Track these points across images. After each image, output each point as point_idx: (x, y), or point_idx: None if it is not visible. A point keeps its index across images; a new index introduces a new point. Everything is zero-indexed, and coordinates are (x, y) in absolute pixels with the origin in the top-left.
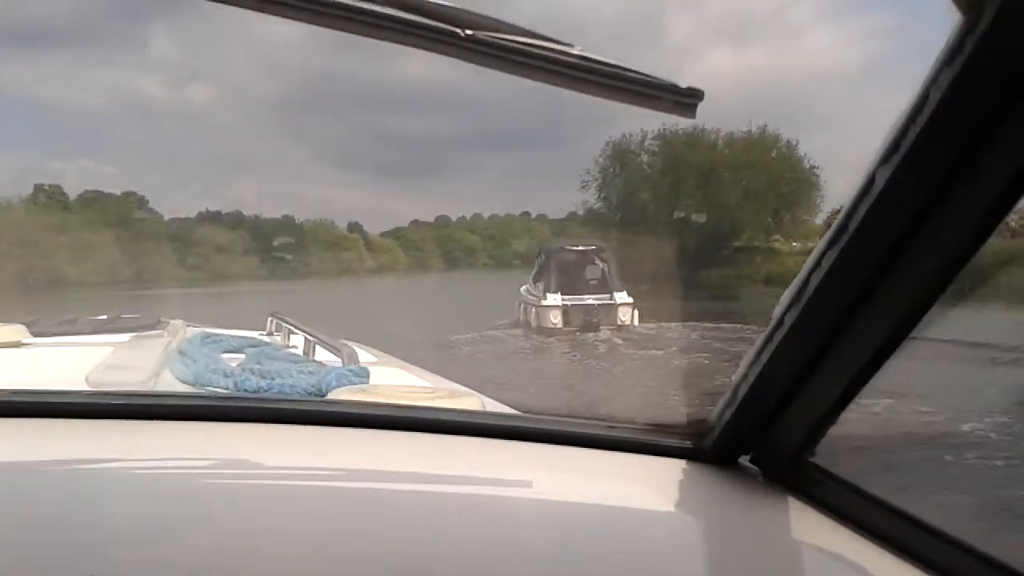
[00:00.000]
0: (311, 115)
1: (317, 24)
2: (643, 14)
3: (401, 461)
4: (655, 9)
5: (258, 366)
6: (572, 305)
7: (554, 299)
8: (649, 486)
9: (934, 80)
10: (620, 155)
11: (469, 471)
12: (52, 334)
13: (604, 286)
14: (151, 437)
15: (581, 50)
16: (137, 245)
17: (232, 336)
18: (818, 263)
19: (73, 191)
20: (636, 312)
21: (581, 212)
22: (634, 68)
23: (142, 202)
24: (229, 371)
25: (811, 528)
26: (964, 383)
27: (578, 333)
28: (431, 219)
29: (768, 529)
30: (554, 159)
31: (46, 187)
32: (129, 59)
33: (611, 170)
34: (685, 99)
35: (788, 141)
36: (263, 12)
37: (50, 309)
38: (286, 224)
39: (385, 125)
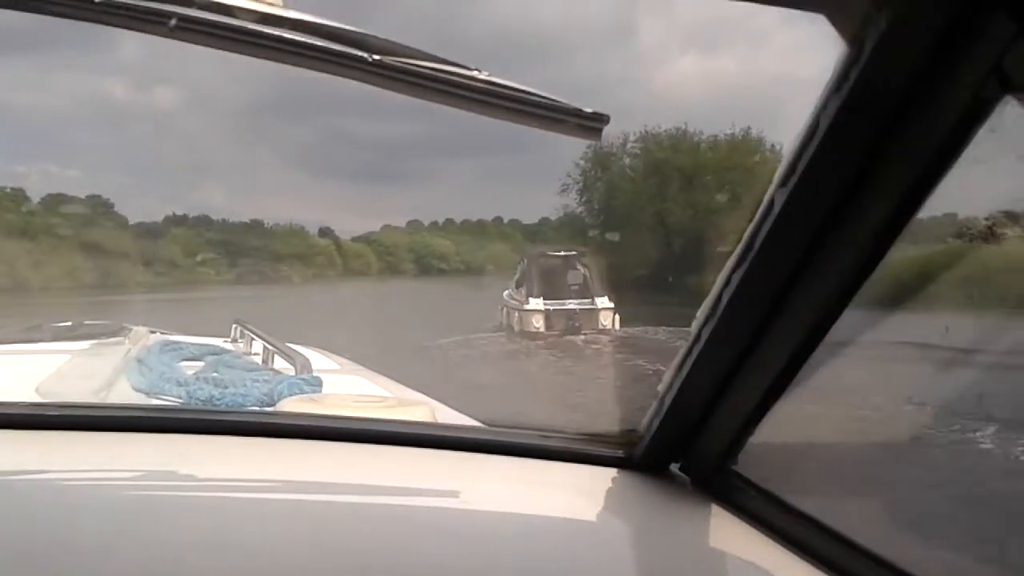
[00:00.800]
0: (279, 119)
1: (226, 50)
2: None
3: (340, 472)
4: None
5: (214, 375)
6: (554, 309)
7: (536, 303)
8: (580, 494)
9: (823, 108)
10: (602, 158)
11: (402, 482)
12: (12, 341)
13: (585, 291)
14: (93, 448)
15: (488, 75)
16: (101, 249)
17: (193, 344)
18: (727, 281)
19: (36, 195)
20: (617, 316)
21: (554, 217)
22: (539, 93)
23: (107, 206)
24: (183, 380)
25: (732, 535)
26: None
27: (560, 337)
28: (403, 224)
29: (692, 536)
30: (526, 164)
31: (8, 190)
32: (94, 62)
33: (592, 173)
34: (589, 123)
35: (772, 145)
36: (173, 39)
37: (10, 315)
38: (255, 228)
39: (354, 130)
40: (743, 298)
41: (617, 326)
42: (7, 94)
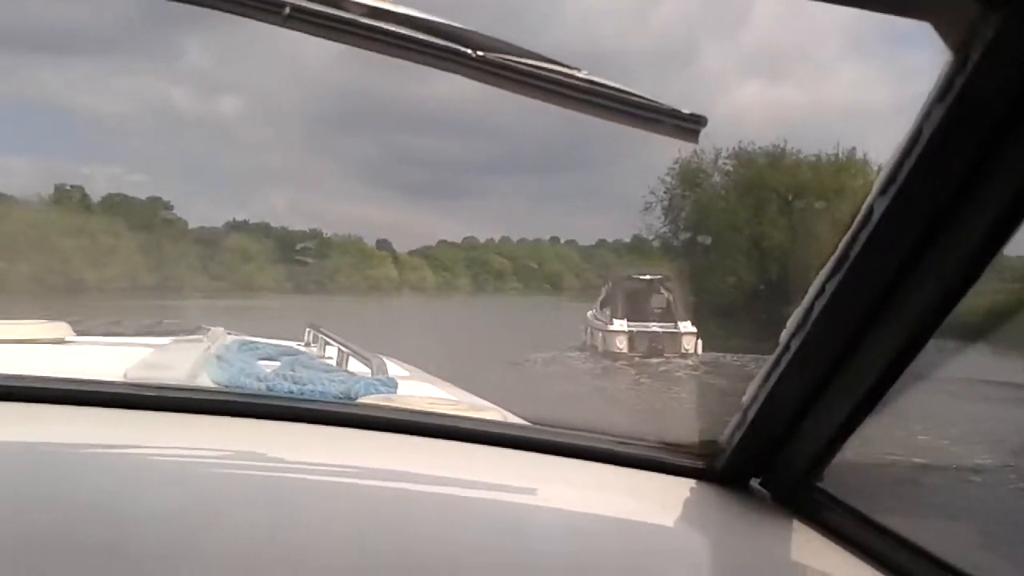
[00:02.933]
0: (341, 131)
1: (334, 40)
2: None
3: (419, 464)
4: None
5: (291, 372)
6: (637, 332)
7: (620, 325)
8: (657, 502)
9: (927, 116)
10: (689, 174)
11: (482, 477)
12: (95, 333)
13: (669, 315)
14: (183, 429)
15: (588, 74)
16: (161, 252)
17: (269, 344)
18: (821, 290)
19: (96, 195)
20: (699, 342)
21: (625, 239)
22: (638, 93)
23: (167, 207)
24: (262, 376)
25: (815, 552)
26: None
27: (642, 358)
28: (458, 240)
29: (773, 552)
30: (583, 184)
31: (68, 188)
32: (161, 68)
33: (678, 191)
34: (686, 124)
35: (880, 167)
36: (286, 28)
37: (64, 316)
38: (314, 237)
39: (413, 145)
40: (836, 309)
41: (700, 351)
42: (75, 97)
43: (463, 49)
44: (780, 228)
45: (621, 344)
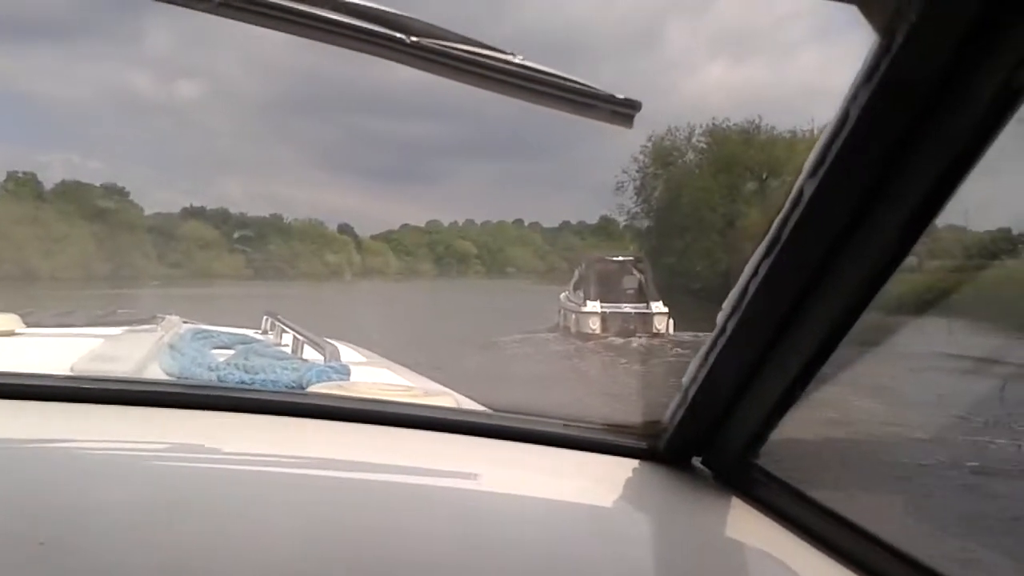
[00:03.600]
0: (300, 116)
1: (266, 27)
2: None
3: (368, 453)
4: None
5: (244, 361)
6: (610, 312)
7: (593, 306)
8: (601, 483)
9: (853, 98)
10: (663, 153)
11: (429, 464)
12: (46, 325)
13: (641, 295)
14: (128, 422)
15: (522, 59)
16: (116, 240)
17: (224, 332)
18: (755, 272)
19: (49, 182)
20: (671, 321)
21: (574, 221)
22: (573, 78)
23: (122, 195)
24: (214, 365)
25: (752, 528)
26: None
27: (615, 338)
28: (422, 223)
29: (712, 528)
30: (547, 168)
31: (20, 175)
32: (119, 53)
33: (651, 170)
34: (621, 109)
35: None
36: (217, 14)
37: (18, 307)
38: (274, 223)
39: (374, 128)
40: (770, 289)
41: (671, 330)
42: (32, 82)
43: (396, 35)
44: (754, 206)
45: (594, 325)
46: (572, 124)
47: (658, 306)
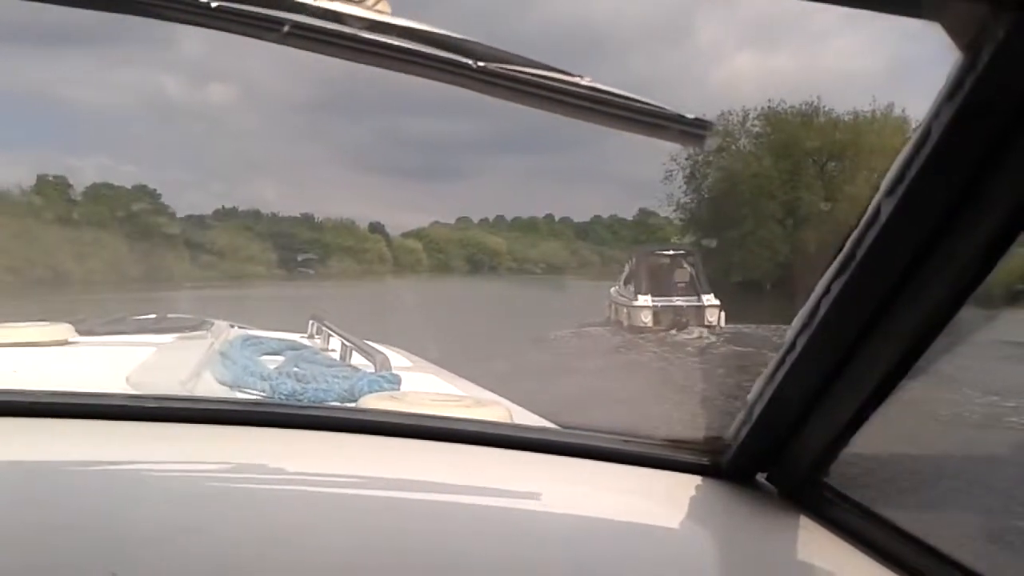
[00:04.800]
0: (330, 117)
1: (335, 56)
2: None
3: (421, 470)
4: None
5: (295, 369)
6: (662, 306)
7: (645, 300)
8: (663, 501)
9: (935, 115)
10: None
11: (485, 482)
12: (98, 333)
13: (692, 289)
14: (184, 440)
15: (590, 81)
16: (148, 242)
17: (273, 339)
18: (827, 290)
19: (80, 185)
20: (723, 313)
21: (606, 216)
22: (642, 99)
23: (154, 197)
24: (266, 374)
25: (821, 547)
26: None
27: (667, 332)
28: (452, 220)
29: (779, 547)
30: (576, 162)
31: (50, 178)
32: (152, 58)
33: (701, 157)
34: (691, 129)
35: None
36: (286, 44)
37: (51, 312)
38: (306, 223)
39: (403, 127)
40: (842, 308)
41: (723, 323)
42: (65, 88)
43: (464, 60)
44: (816, 193)
45: (646, 318)
46: None
47: (709, 299)
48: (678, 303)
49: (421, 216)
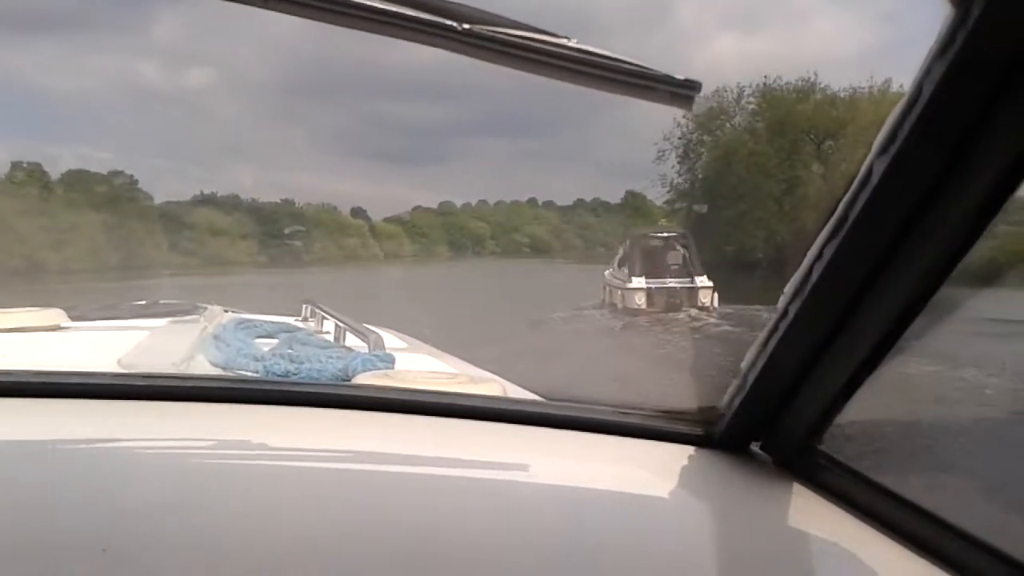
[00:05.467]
0: (311, 101)
1: (317, 19)
2: None
3: (416, 445)
4: None
5: (289, 351)
6: (656, 288)
7: (639, 282)
8: (657, 471)
9: (927, 73)
10: (709, 117)
11: (476, 455)
12: (90, 319)
13: (685, 270)
14: (176, 418)
15: (577, 43)
16: (125, 229)
17: (267, 322)
18: (819, 255)
19: (56, 172)
20: (716, 295)
21: (589, 199)
22: (629, 60)
23: (131, 183)
24: (260, 355)
25: (815, 514)
26: None
27: (661, 313)
28: (434, 205)
29: (773, 515)
30: (559, 145)
31: (24, 165)
32: (128, 44)
33: (696, 136)
34: (681, 90)
35: None
36: (267, 8)
37: (28, 302)
38: (286, 208)
39: (383, 111)
40: (835, 273)
41: (716, 304)
42: (42, 76)
43: (448, 22)
44: (813, 170)
45: (640, 300)
46: (583, 102)
47: (703, 280)
48: (672, 285)
49: (403, 200)
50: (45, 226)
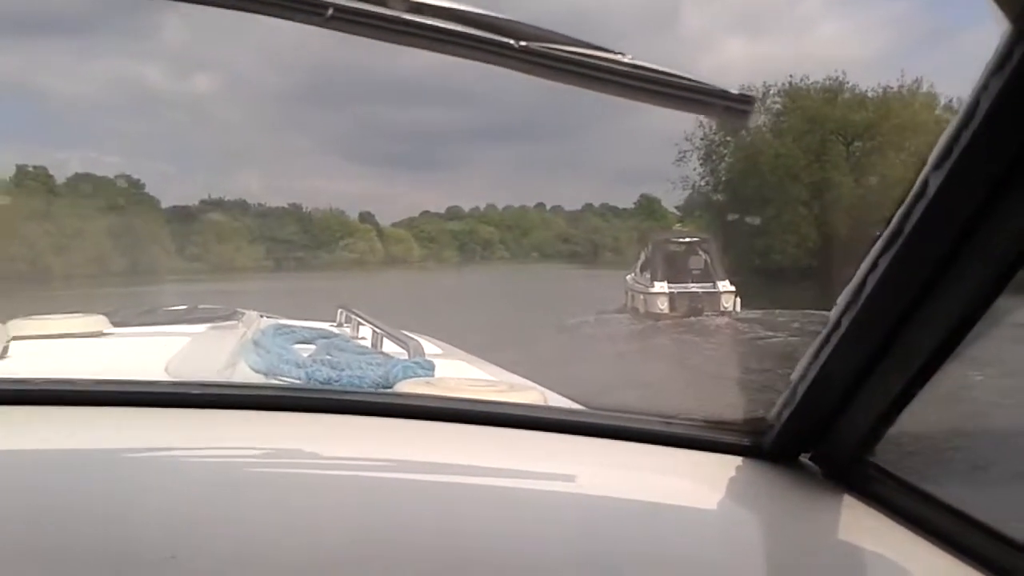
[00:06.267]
0: (317, 106)
1: (377, 39)
2: None
3: (458, 453)
4: None
5: (328, 357)
6: (678, 293)
7: (661, 287)
8: (704, 482)
9: (984, 88)
10: None
11: (521, 464)
12: (132, 324)
13: (707, 275)
14: (227, 426)
15: (632, 58)
16: (132, 234)
17: (304, 327)
18: (874, 266)
19: (61, 176)
20: (738, 299)
21: (597, 204)
22: (685, 75)
23: (137, 187)
24: (301, 362)
25: (867, 527)
26: None
27: (684, 318)
28: (442, 210)
29: (825, 528)
30: (566, 150)
31: (30, 168)
32: (136, 48)
33: (718, 137)
34: (737, 105)
35: (950, 101)
36: (328, 28)
37: (30, 309)
38: (294, 213)
39: (390, 116)
40: (889, 285)
41: (738, 308)
42: (48, 80)
43: (505, 40)
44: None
45: (663, 305)
46: (590, 106)
47: (724, 285)
48: (694, 289)
49: (411, 206)
50: (50, 231)
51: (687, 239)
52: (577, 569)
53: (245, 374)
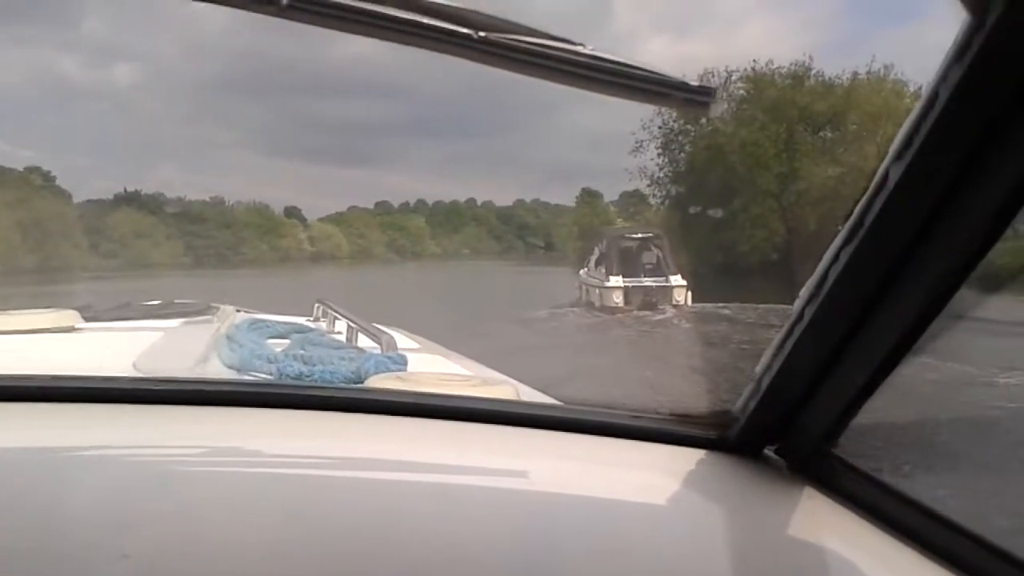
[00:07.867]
0: (240, 98)
1: (335, 28)
2: None
3: (427, 449)
4: None
5: (301, 352)
6: (632, 286)
7: (616, 281)
8: (671, 475)
9: (943, 78)
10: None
11: (490, 460)
12: (104, 319)
13: (660, 270)
14: (191, 423)
15: (592, 49)
16: (42, 229)
17: (279, 322)
18: (835, 258)
19: None
20: (689, 293)
21: (529, 199)
22: (644, 67)
23: (47, 179)
24: (273, 357)
25: (830, 520)
26: None
27: (638, 311)
28: (371, 205)
29: (788, 520)
30: (497, 146)
31: None
32: (51, 37)
33: (676, 126)
34: (697, 97)
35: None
36: (283, 17)
37: None
38: (215, 207)
39: (316, 109)
40: (852, 277)
41: (689, 302)
42: None
43: (464, 31)
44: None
45: (617, 299)
46: (520, 99)
47: (677, 279)
48: (647, 283)
49: (338, 200)
50: None
51: (640, 235)
52: (545, 561)
53: (217, 369)
